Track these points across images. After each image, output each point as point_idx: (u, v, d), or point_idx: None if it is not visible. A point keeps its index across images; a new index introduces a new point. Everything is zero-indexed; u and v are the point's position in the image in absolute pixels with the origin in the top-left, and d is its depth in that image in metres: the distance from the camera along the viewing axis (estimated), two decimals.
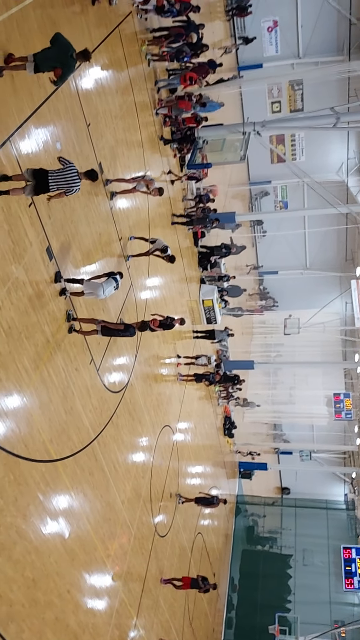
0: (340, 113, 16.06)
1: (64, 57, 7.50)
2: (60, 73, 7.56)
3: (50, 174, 7.55)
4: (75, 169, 7.77)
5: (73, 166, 7.77)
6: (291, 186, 33.74)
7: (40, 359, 8.39)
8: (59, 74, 7.57)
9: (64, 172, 7.66)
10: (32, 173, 7.50)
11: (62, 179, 7.62)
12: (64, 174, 7.64)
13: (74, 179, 7.72)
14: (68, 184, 7.67)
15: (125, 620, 11.38)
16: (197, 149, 18.44)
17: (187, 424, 18.55)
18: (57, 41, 7.54)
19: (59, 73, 7.56)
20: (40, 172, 7.56)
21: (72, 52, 7.54)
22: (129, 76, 13.20)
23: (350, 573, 26.29)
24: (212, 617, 20.74)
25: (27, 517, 7.74)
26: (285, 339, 32.61)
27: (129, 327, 10.10)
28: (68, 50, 7.51)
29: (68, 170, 7.69)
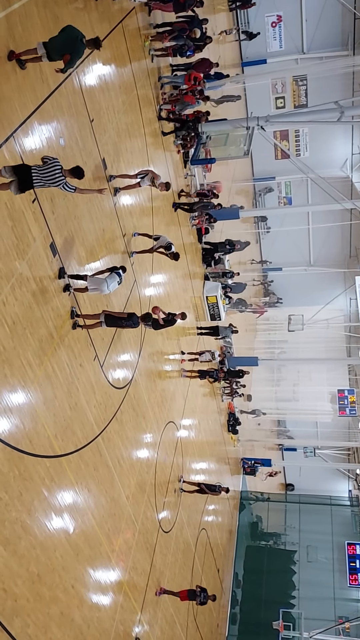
0: (344, 107, 15.95)
1: (73, 42, 7.55)
2: (69, 58, 7.59)
3: (33, 169, 7.29)
4: (59, 166, 7.44)
5: (57, 162, 7.46)
6: (295, 182, 33.68)
7: (44, 354, 8.41)
8: (67, 59, 7.61)
9: (48, 167, 7.38)
10: (12, 170, 7.17)
11: (45, 174, 7.33)
12: (48, 170, 7.35)
13: (56, 175, 7.39)
14: (51, 180, 7.39)
15: (130, 615, 11.43)
16: (201, 144, 18.39)
17: (191, 420, 18.56)
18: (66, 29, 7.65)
19: (68, 59, 7.60)
20: (22, 168, 7.28)
21: (82, 37, 7.61)
22: (132, 72, 13.17)
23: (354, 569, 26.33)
24: (216, 612, 20.79)
25: (32, 512, 7.77)
26: (290, 335, 32.61)
27: (132, 316, 10.11)
28: (77, 35, 7.57)
29: (52, 166, 7.39)
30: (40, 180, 7.30)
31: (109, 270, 9.88)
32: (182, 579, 15.89)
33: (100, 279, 9.57)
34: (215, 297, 21.26)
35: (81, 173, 7.64)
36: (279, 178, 33.64)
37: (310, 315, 30.26)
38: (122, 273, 9.90)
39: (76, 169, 7.63)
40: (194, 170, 19.48)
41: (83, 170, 7.65)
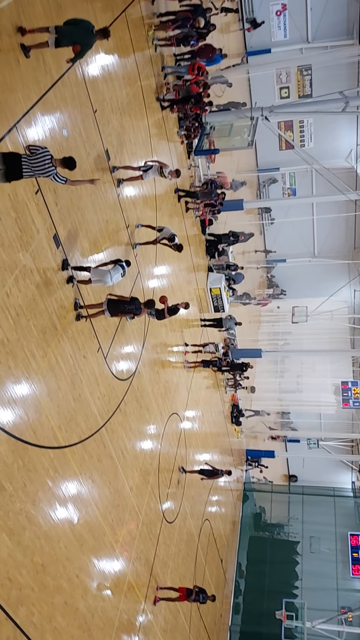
0: (349, 97, 15.82)
1: (85, 33, 7.53)
2: (79, 49, 7.54)
3: (23, 158, 7.03)
4: (49, 155, 7.20)
5: (47, 152, 7.21)
6: (299, 173, 33.49)
7: (48, 346, 8.42)
8: (77, 49, 7.56)
9: (37, 157, 7.12)
10: (1, 157, 6.86)
11: (35, 164, 7.08)
12: (37, 160, 7.10)
13: (46, 165, 7.13)
14: (41, 169, 7.13)
15: (134, 604, 11.52)
16: (205, 134, 18.28)
17: (195, 411, 18.60)
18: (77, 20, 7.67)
19: (78, 49, 7.55)
20: (11, 156, 6.98)
21: (92, 28, 7.56)
22: (136, 62, 13.08)
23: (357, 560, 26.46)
24: (219, 602, 20.93)
25: (36, 503, 7.82)
26: (293, 327, 32.55)
27: (135, 300, 10.15)
28: (88, 26, 7.54)
29: (41, 155, 7.14)
30: (29, 170, 7.06)
31: (112, 263, 9.88)
32: (186, 569, 15.99)
33: (104, 271, 9.58)
34: (219, 289, 21.22)
35: (72, 163, 7.41)
36: (283, 169, 33.44)
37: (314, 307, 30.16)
38: (125, 266, 9.90)
39: (67, 159, 7.40)
40: (198, 161, 19.39)
41: (75, 161, 7.44)
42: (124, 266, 9.89)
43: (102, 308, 9.82)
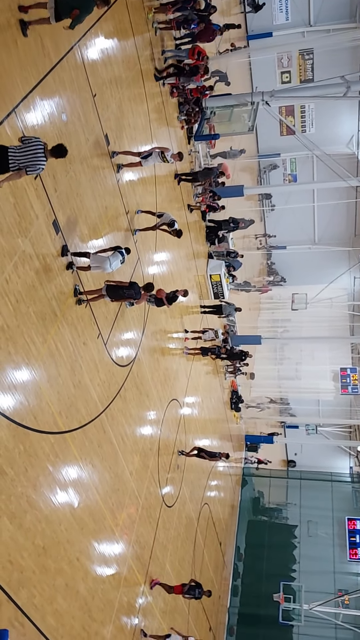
0: (351, 82, 15.63)
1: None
2: (78, 14, 7.45)
3: (10, 149, 6.68)
4: (41, 145, 6.84)
5: (39, 141, 6.87)
6: (300, 159, 33.24)
7: (48, 332, 8.44)
8: (76, 14, 7.48)
9: (28, 147, 6.77)
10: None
11: (24, 155, 6.70)
12: (28, 150, 6.74)
13: (38, 155, 6.76)
14: (31, 160, 6.73)
15: (134, 587, 11.69)
16: (205, 119, 18.13)
17: (194, 398, 18.70)
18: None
19: (77, 14, 7.48)
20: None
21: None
22: (135, 45, 12.93)
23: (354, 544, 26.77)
24: (218, 584, 21.23)
25: (37, 487, 7.90)
26: (293, 314, 32.57)
27: (134, 284, 10.13)
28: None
29: (33, 145, 6.78)
30: (14, 163, 6.68)
31: (112, 249, 9.87)
32: (185, 552, 16.20)
33: (103, 257, 9.58)
34: (219, 276, 21.21)
35: (63, 151, 7.08)
36: (284, 155, 33.17)
37: (314, 294, 30.15)
38: (125, 254, 9.88)
39: (58, 147, 7.04)
40: (198, 146, 19.26)
41: (65, 148, 7.09)
42: (124, 253, 9.87)
43: (101, 293, 9.84)
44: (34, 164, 6.75)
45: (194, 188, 19.11)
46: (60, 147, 7.04)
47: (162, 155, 12.16)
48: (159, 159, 12.22)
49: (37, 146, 6.80)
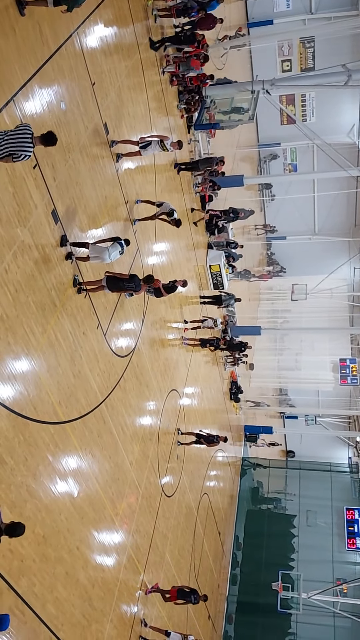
0: (352, 70, 15.51)
1: None
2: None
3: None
4: (30, 131, 6.57)
5: (27, 128, 6.61)
6: (301, 148, 33.08)
7: (47, 322, 8.43)
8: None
9: (16, 132, 6.51)
10: None
11: (10, 140, 6.46)
12: (15, 135, 6.49)
13: (26, 142, 6.49)
14: (17, 147, 6.46)
15: (133, 575, 11.77)
16: (205, 108, 18.00)
17: (194, 388, 18.73)
18: None
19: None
20: None
21: None
22: (135, 33, 12.80)
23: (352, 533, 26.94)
24: (217, 573, 21.39)
25: (37, 477, 7.93)
26: (293, 305, 32.59)
27: (134, 277, 10.11)
28: None
29: (21, 131, 6.51)
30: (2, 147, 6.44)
31: (111, 240, 9.82)
32: (184, 541, 16.30)
33: (102, 247, 9.55)
34: (218, 266, 21.15)
35: (53, 139, 6.82)
36: (284, 144, 33.02)
37: (314, 285, 30.14)
38: (124, 245, 9.84)
39: (48, 135, 6.77)
40: (198, 135, 19.14)
41: (55, 136, 6.85)
42: (123, 244, 9.82)
43: (101, 284, 9.82)
44: (19, 150, 6.49)
45: (194, 178, 19.02)
46: (50, 135, 6.78)
47: (161, 143, 12.06)
48: (159, 148, 12.13)
49: (25, 133, 6.55)
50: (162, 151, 12.34)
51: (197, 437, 16.91)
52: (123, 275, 10.16)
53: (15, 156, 6.50)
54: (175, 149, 12.54)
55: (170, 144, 12.15)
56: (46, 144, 6.81)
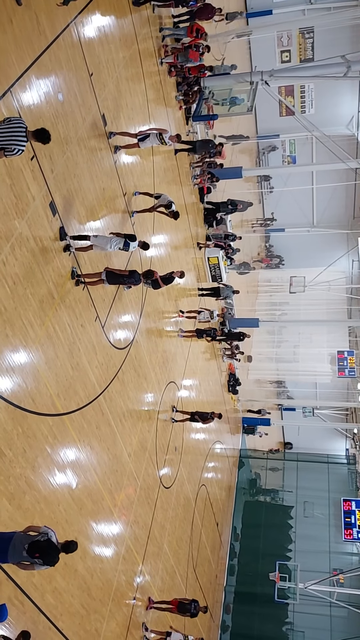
0: (351, 61, 15.39)
1: None
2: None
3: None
4: (23, 126, 6.41)
5: (21, 122, 6.45)
6: (300, 140, 32.96)
7: (45, 315, 8.43)
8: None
9: (9, 126, 6.34)
10: None
11: (3, 134, 6.30)
12: (8, 129, 6.32)
13: (19, 136, 6.33)
14: (10, 141, 6.30)
15: (132, 566, 11.85)
16: (203, 99, 17.89)
17: (192, 380, 18.77)
18: None
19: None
20: None
21: None
22: (133, 23, 12.70)
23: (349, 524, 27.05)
24: (215, 564, 21.54)
25: (36, 469, 7.96)
26: (291, 297, 32.59)
27: (134, 273, 10.21)
28: None
29: (14, 124, 6.36)
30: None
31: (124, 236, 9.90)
32: (182, 532, 16.40)
33: (106, 237, 9.65)
34: (216, 258, 21.13)
35: (47, 137, 6.67)
36: (283, 136, 32.87)
37: (312, 277, 30.12)
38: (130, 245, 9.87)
39: (40, 131, 6.62)
40: (196, 127, 19.05)
41: (48, 133, 6.69)
42: (129, 243, 9.85)
43: (100, 278, 9.84)
44: (12, 144, 6.33)
45: (192, 170, 18.95)
46: (43, 131, 6.63)
47: (160, 137, 12.01)
48: (157, 141, 12.07)
49: (18, 127, 6.39)
50: (160, 144, 12.29)
51: (191, 415, 16.73)
52: (123, 272, 10.19)
53: (8, 150, 6.36)
54: (174, 142, 12.49)
55: (169, 137, 12.09)
56: (38, 140, 6.68)
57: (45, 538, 6.47)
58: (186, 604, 13.46)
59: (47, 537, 6.48)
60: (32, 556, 6.34)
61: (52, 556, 6.49)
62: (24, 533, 6.68)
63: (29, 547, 6.36)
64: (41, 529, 6.67)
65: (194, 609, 13.51)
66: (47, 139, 6.71)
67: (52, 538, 6.56)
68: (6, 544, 6.39)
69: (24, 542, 6.41)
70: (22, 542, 6.41)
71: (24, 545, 6.37)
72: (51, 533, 6.59)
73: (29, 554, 6.35)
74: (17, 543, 6.42)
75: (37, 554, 6.34)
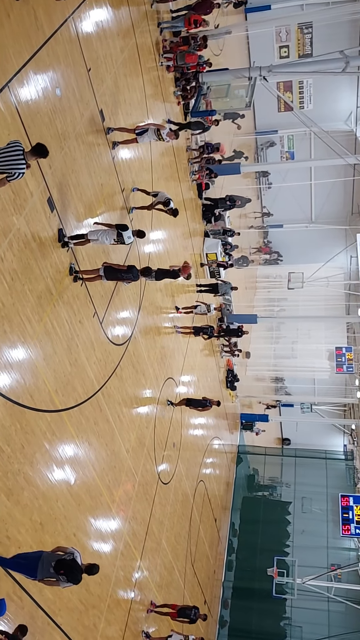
0: (350, 57, 15.37)
1: None
2: None
3: None
4: (20, 148, 6.31)
5: (17, 145, 6.35)
6: (298, 136, 32.89)
7: (43, 311, 8.42)
8: None
9: (5, 151, 6.27)
10: None
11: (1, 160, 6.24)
12: (6, 154, 6.25)
13: (18, 159, 6.26)
14: (9, 166, 6.25)
15: (130, 562, 11.88)
16: (201, 95, 17.84)
17: (190, 376, 18.77)
18: None
19: None
20: None
21: None
22: (131, 17, 12.64)
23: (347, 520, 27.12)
24: (213, 559, 21.61)
25: (34, 465, 7.97)
26: (289, 293, 32.58)
27: (132, 268, 10.23)
28: None
29: (12, 149, 6.28)
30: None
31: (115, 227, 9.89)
32: (181, 528, 16.44)
33: (103, 230, 9.68)
34: (215, 255, 21.12)
35: (45, 152, 6.60)
36: (281, 132, 32.82)
37: (311, 273, 30.13)
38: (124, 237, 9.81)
39: (38, 147, 6.55)
40: None
41: (46, 148, 6.62)
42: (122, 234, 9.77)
43: (98, 274, 9.84)
44: (12, 169, 6.30)
45: (191, 166, 18.90)
46: (41, 147, 6.57)
47: (158, 132, 11.96)
48: (155, 136, 12.03)
49: (15, 150, 6.30)
50: (158, 140, 12.24)
51: (188, 402, 16.65)
52: (121, 267, 10.21)
53: (10, 176, 6.35)
54: (172, 138, 12.39)
55: (166, 133, 12.02)
56: (37, 157, 6.66)
57: (71, 557, 7.05)
58: (187, 610, 13.63)
59: (72, 557, 7.05)
60: (58, 572, 6.90)
61: (76, 574, 7.01)
62: (52, 552, 7.27)
63: (56, 564, 6.93)
64: (68, 549, 7.25)
65: (194, 615, 13.68)
66: (46, 153, 6.67)
67: (77, 558, 7.11)
68: (35, 562, 6.94)
69: (52, 560, 6.97)
70: (50, 560, 6.98)
71: (52, 563, 6.93)
72: (77, 554, 7.19)
73: (55, 571, 6.90)
74: (46, 561, 6.97)
75: (62, 570, 6.90)
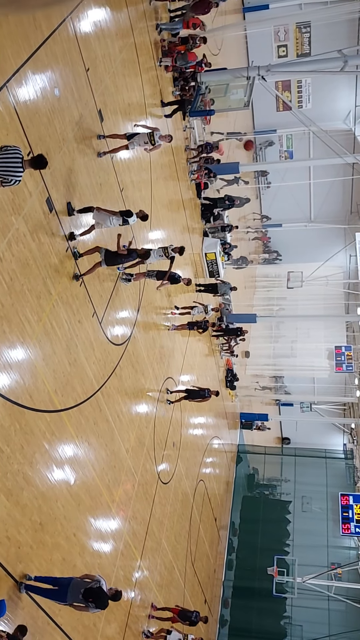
0: (348, 56, 15.36)
1: None
2: None
3: None
4: (19, 155, 6.30)
5: (17, 151, 6.32)
6: (297, 135, 32.91)
7: (43, 311, 8.42)
8: None
9: (4, 156, 6.22)
10: None
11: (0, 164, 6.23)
12: (3, 159, 6.21)
13: (16, 166, 6.24)
14: (6, 172, 6.22)
15: (130, 561, 11.89)
16: (200, 94, 17.83)
17: (190, 376, 18.77)
18: None
19: None
20: None
21: None
22: (129, 17, 12.64)
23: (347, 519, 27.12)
24: (213, 558, 21.62)
25: (34, 465, 7.97)
26: (288, 292, 32.58)
27: (132, 252, 10.42)
28: None
29: (11, 155, 6.24)
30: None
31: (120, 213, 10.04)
32: (181, 527, 16.45)
33: (106, 215, 9.76)
34: (214, 254, 21.12)
35: (43, 162, 6.58)
36: (280, 131, 32.79)
37: (310, 272, 30.14)
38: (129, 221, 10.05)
39: (38, 158, 6.51)
40: (193, 122, 18.99)
41: (46, 159, 6.64)
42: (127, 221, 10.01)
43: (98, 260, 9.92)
44: (9, 175, 6.26)
45: (189, 165, 18.91)
46: (40, 158, 6.53)
47: (150, 136, 11.45)
48: (146, 139, 11.47)
49: (14, 157, 6.26)
50: (149, 145, 11.62)
51: (187, 392, 16.50)
52: (122, 251, 10.25)
53: (5, 181, 6.31)
54: (165, 141, 12.15)
55: (159, 137, 11.56)
56: (36, 167, 6.64)
57: (97, 585, 7.58)
58: (187, 613, 13.69)
59: (98, 585, 7.59)
60: (87, 600, 7.45)
61: (103, 601, 7.59)
62: (80, 579, 7.84)
63: (84, 592, 7.47)
64: (95, 577, 7.81)
65: (194, 617, 13.74)
66: (45, 165, 6.66)
67: (103, 586, 7.64)
68: (65, 588, 7.53)
69: (80, 587, 7.53)
70: (79, 587, 7.54)
71: (80, 590, 7.50)
72: (102, 581, 7.71)
73: (84, 598, 7.46)
74: (75, 588, 7.53)
75: (90, 598, 7.46)
